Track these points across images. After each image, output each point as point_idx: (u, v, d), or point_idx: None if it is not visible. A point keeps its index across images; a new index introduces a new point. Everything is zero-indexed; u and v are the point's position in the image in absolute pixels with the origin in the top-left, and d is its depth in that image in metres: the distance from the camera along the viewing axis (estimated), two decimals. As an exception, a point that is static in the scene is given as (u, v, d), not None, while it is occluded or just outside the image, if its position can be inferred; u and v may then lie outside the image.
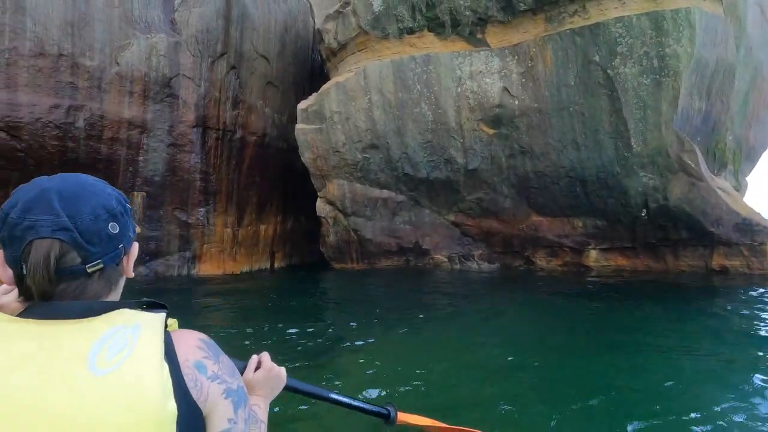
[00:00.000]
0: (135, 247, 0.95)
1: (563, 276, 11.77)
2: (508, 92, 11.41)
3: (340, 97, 12.50)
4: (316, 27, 13.88)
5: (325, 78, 14.80)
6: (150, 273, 12.59)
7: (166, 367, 0.80)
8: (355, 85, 12.34)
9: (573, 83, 10.82)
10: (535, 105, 11.29)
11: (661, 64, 10.10)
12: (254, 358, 1.22)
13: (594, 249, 12.13)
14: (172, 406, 0.79)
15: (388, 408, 1.62)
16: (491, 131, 11.88)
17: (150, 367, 0.79)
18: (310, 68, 16.86)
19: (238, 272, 14.00)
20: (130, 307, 0.85)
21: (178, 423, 0.79)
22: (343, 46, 13.12)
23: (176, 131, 12.32)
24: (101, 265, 0.84)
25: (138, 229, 1.05)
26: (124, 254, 0.90)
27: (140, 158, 11.89)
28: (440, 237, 13.60)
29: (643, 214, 11.12)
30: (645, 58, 10.16)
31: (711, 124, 11.75)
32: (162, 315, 0.86)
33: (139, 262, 12.41)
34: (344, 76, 12.57)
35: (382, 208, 13.49)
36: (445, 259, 13.60)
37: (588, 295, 9.18)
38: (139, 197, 12.14)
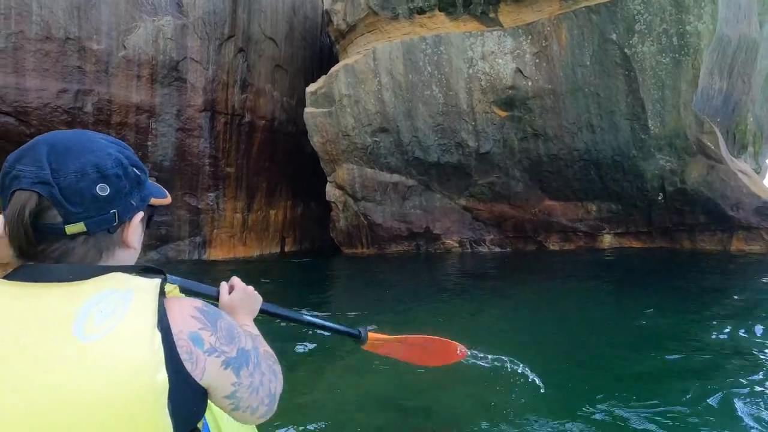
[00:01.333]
0: (137, 218, 0.86)
1: (577, 255, 11.59)
2: (522, 73, 11.12)
3: (350, 79, 12.29)
4: (324, 8, 13.61)
5: (334, 61, 14.57)
6: (161, 258, 12.62)
7: (158, 335, 0.75)
8: (364, 68, 12.11)
9: (589, 63, 10.51)
10: (549, 86, 11.00)
11: (681, 42, 9.75)
12: (224, 284, 1.21)
13: (608, 233, 11.90)
14: (162, 378, 0.73)
15: (359, 330, 1.73)
16: (504, 114, 11.62)
17: (141, 335, 0.73)
18: (318, 51, 16.63)
19: (249, 257, 13.99)
20: (124, 272, 0.79)
21: (170, 396, 0.74)
22: (352, 28, 12.87)
23: (185, 115, 12.22)
24: (83, 228, 0.77)
25: (165, 200, 0.96)
26: (118, 221, 0.81)
27: (149, 143, 11.84)
28: (451, 222, 13.44)
29: (659, 198, 10.86)
30: (664, 36, 9.81)
31: (731, 104, 11.38)
32: (157, 280, 0.80)
33: (149, 247, 12.44)
34: (353, 58, 12.34)
35: (393, 192, 13.34)
36: (456, 244, 13.46)
37: (604, 271, 9.02)
38: (148, 182, 12.10)
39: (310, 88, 12.94)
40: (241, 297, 1.20)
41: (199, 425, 0.89)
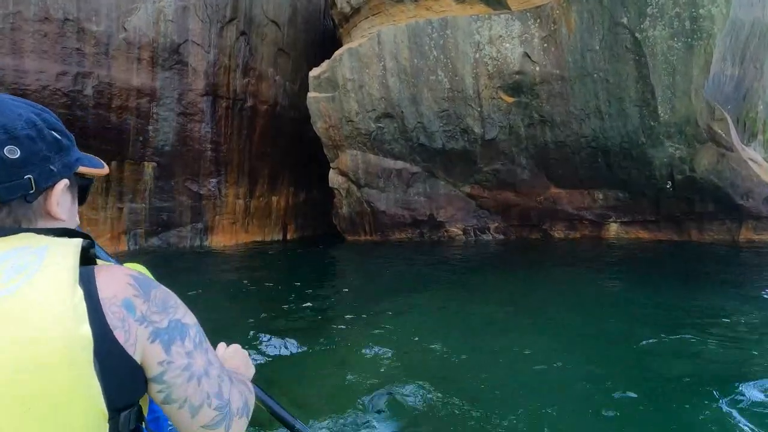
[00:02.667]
0: (60, 186, 0.79)
1: (582, 244, 11.47)
2: (529, 58, 10.90)
3: (354, 63, 12.08)
4: (328, -10, 13.35)
5: (338, 45, 14.33)
6: (163, 244, 12.53)
7: (79, 291, 0.69)
8: (368, 51, 11.89)
9: (598, 48, 10.28)
10: (557, 71, 10.78)
11: (694, 27, 9.52)
12: (222, 344, 1.12)
13: (615, 222, 11.76)
14: (86, 331, 0.67)
15: None
16: (510, 99, 11.42)
17: (58, 289, 0.68)
18: (321, 35, 16.36)
19: (251, 244, 13.89)
20: (41, 234, 0.75)
21: (96, 356, 0.67)
22: (356, 11, 12.61)
23: (186, 100, 12.04)
24: None
25: (100, 171, 0.89)
26: (36, 188, 0.76)
27: (150, 127, 11.67)
28: (455, 209, 13.30)
29: (668, 186, 10.70)
30: (676, 20, 9.57)
31: (743, 91, 11.16)
32: (78, 240, 0.74)
33: (151, 233, 12.35)
34: (357, 41, 12.11)
35: (396, 179, 13.19)
36: (460, 232, 13.34)
37: (609, 263, 8.89)
38: (149, 168, 11.97)
39: (314, 72, 12.73)
40: (235, 351, 1.09)
41: None
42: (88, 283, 0.71)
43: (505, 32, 10.97)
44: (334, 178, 13.63)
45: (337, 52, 12.47)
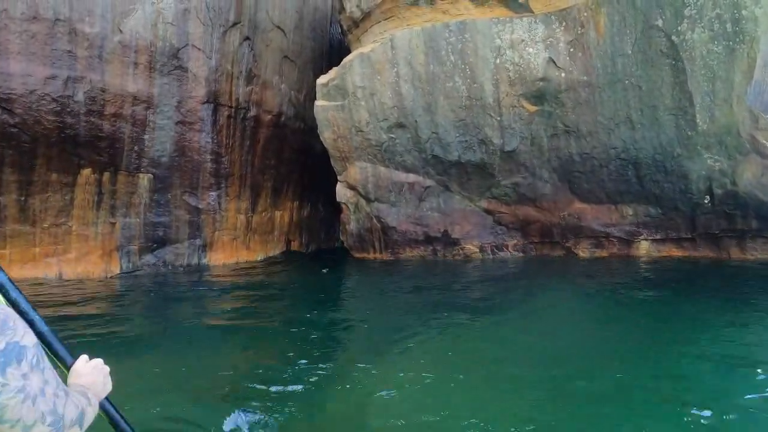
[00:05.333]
0: None
1: (610, 263, 10.62)
2: (554, 63, 10.17)
3: (365, 70, 11.34)
4: (336, -5, 12.68)
5: (345, 54, 13.64)
6: (158, 262, 11.65)
7: None
8: (381, 57, 11.17)
9: (630, 52, 9.56)
10: (585, 78, 10.04)
11: (736, 29, 8.81)
12: (84, 356, 1.16)
13: (645, 240, 10.92)
14: None
15: None
16: (533, 108, 10.67)
17: None
18: (328, 44, 15.71)
19: (253, 261, 13.01)
20: None
21: None
22: (366, 15, 11.93)
23: (185, 107, 11.27)
24: None
25: None
26: None
27: (146, 136, 10.87)
28: (471, 225, 12.46)
29: (705, 201, 9.89)
30: (717, 22, 8.86)
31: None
32: None
33: (146, 250, 11.48)
34: (369, 46, 11.40)
35: (408, 193, 12.37)
36: (476, 250, 12.48)
37: (641, 283, 8.03)
38: (145, 180, 11.15)
39: (322, 79, 11.99)
40: (93, 368, 1.13)
41: None
42: None
43: (528, 36, 10.26)
44: (342, 192, 12.81)
45: (346, 58, 11.76)
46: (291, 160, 14.19)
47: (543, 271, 10.34)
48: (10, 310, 0.82)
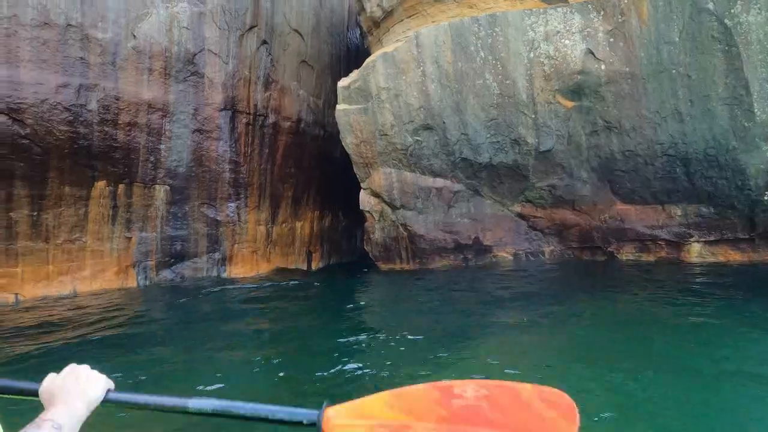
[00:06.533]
0: None
1: (657, 268, 9.82)
2: (593, 55, 9.51)
3: (389, 70, 10.77)
4: (355, -5, 12.18)
5: (363, 58, 13.13)
6: (176, 277, 11.09)
7: None
8: (406, 56, 10.59)
9: (677, 39, 8.86)
10: (627, 69, 9.36)
11: (797, 9, 8.08)
12: (52, 373, 1.07)
13: (697, 242, 10.11)
14: None
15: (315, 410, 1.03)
16: (570, 104, 9.99)
17: None
18: (346, 48, 15.23)
19: (273, 275, 12.41)
20: None
21: None
22: (388, 14, 11.40)
23: (202, 115, 10.78)
24: None
25: None
26: None
27: (162, 146, 10.39)
28: (503, 231, 11.75)
29: (766, 198, 9.09)
30: (775, 2, 8.15)
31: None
32: None
33: (163, 265, 10.94)
34: (392, 45, 10.84)
35: (436, 199, 11.71)
36: (510, 257, 11.74)
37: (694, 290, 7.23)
38: (161, 191, 10.64)
39: (343, 82, 11.44)
40: (65, 381, 1.01)
41: None
42: None
43: (564, 27, 9.62)
44: (366, 200, 12.18)
45: (369, 59, 11.21)
46: (311, 168, 13.64)
47: (586, 278, 9.58)
48: None
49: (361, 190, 12.24)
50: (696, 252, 10.14)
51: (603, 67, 9.50)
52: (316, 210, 14.24)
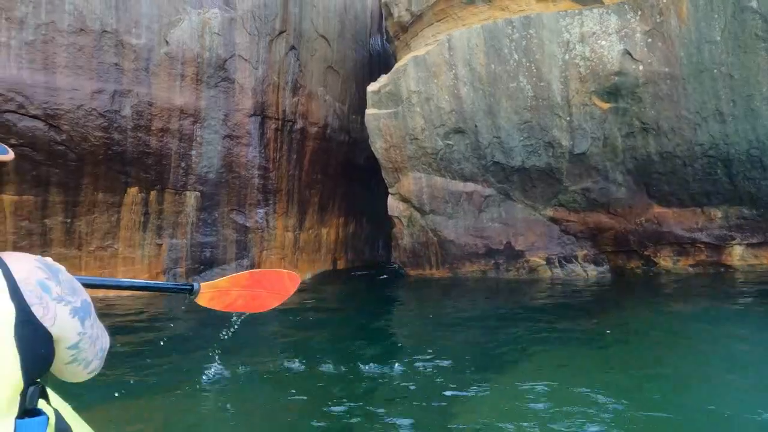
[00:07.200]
0: None
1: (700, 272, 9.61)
2: (630, 56, 9.38)
3: (420, 74, 10.70)
4: (382, 0, 12.12)
5: (386, 64, 13.09)
6: (205, 284, 10.97)
7: None
8: (437, 59, 10.51)
9: (719, 38, 8.73)
10: (666, 69, 9.22)
11: None
12: None
13: (739, 245, 9.90)
14: (8, 305, 0.81)
15: (192, 284, 1.84)
16: (606, 105, 9.86)
17: None
18: (368, 55, 15.20)
19: (301, 281, 12.25)
20: None
21: (16, 330, 0.80)
22: (417, 18, 11.34)
23: (232, 121, 10.72)
24: None
25: (4, 157, 0.99)
26: None
27: (193, 152, 10.32)
28: (536, 236, 11.57)
29: (812, 199, 8.89)
30: (822, -1, 8.01)
31: None
32: None
33: (193, 271, 10.83)
34: (424, 49, 10.77)
35: (466, 203, 11.57)
36: (543, 262, 11.55)
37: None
38: (192, 198, 10.56)
39: (372, 86, 11.38)
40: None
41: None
42: (2, 266, 0.85)
43: (600, 28, 9.51)
44: (394, 205, 12.06)
45: (399, 63, 11.15)
46: (336, 174, 13.55)
47: (629, 287, 9.38)
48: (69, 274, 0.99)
49: (389, 196, 12.12)
50: (738, 255, 9.93)
51: (641, 67, 9.37)
52: (341, 217, 14.13)
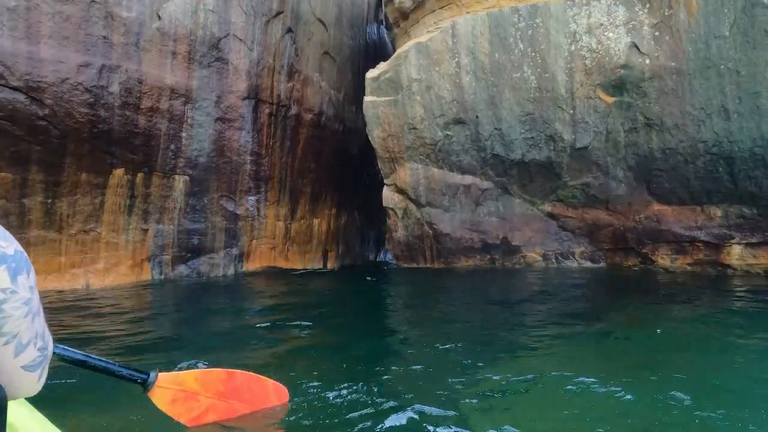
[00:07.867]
0: None
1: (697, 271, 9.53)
2: (637, 49, 9.23)
3: (422, 61, 10.40)
4: (382, -14, 11.83)
5: (382, 52, 12.78)
6: (192, 273, 10.55)
7: None
8: (440, 46, 10.23)
9: (728, 33, 8.61)
10: (673, 64, 9.08)
11: None
12: None
13: (738, 244, 9.83)
14: None
15: (149, 373, 1.66)
16: (610, 99, 9.69)
17: None
18: (364, 43, 14.85)
19: (292, 272, 11.90)
20: None
21: None
22: (419, 5, 11.04)
23: (225, 103, 10.30)
24: None
25: None
26: None
27: (183, 134, 9.88)
28: (533, 231, 11.39)
29: (814, 199, 8.85)
30: (832, -3, 7.93)
31: None
32: None
33: (179, 260, 10.40)
34: (427, 36, 10.47)
35: (464, 196, 11.33)
36: (539, 258, 11.38)
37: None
38: (180, 182, 10.12)
39: (372, 73, 11.04)
40: None
41: None
42: None
43: (607, 20, 9.34)
44: (390, 197, 11.76)
45: (400, 49, 10.83)
46: (329, 163, 13.20)
47: (627, 283, 9.25)
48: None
49: (385, 187, 11.81)
50: (737, 254, 9.86)
51: (647, 61, 9.22)
52: (333, 208, 13.79)
